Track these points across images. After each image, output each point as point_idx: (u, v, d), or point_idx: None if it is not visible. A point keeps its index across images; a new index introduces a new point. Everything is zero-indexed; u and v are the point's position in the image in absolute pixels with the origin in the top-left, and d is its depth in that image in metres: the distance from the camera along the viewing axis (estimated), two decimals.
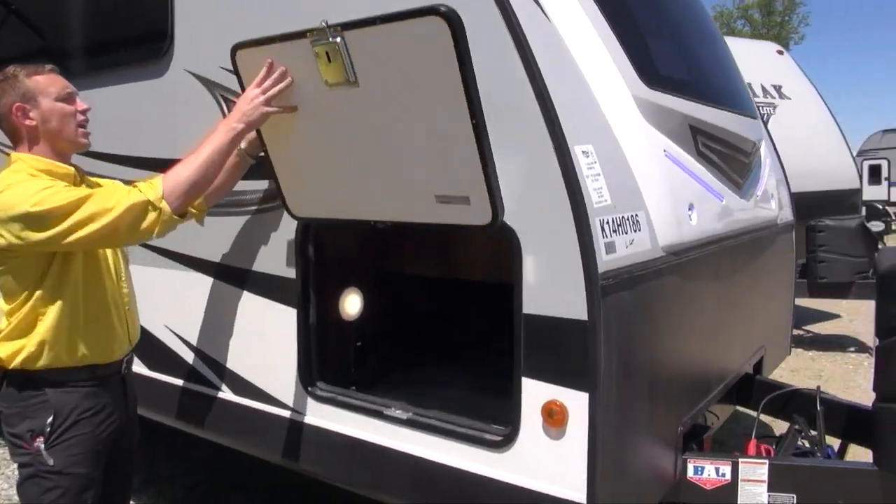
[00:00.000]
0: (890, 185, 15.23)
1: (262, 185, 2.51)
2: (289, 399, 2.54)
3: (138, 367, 2.65)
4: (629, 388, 2.01)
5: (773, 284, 3.58)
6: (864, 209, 6.59)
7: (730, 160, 2.78)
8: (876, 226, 6.20)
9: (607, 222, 1.92)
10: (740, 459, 2.45)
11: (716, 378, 2.79)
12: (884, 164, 14.62)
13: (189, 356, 2.85)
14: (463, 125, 1.76)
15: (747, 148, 2.95)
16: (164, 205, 1.96)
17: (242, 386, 2.68)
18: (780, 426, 3.50)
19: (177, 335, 2.87)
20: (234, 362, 2.70)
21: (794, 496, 2.41)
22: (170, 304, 2.91)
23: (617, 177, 2.05)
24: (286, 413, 2.55)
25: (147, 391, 2.86)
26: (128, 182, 2.11)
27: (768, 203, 3.38)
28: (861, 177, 7.78)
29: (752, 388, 3.38)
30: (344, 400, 2.39)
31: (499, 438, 2.02)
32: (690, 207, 2.40)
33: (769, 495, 2.43)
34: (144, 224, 1.94)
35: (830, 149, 7.30)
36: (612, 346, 1.88)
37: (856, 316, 8.12)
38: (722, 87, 3.00)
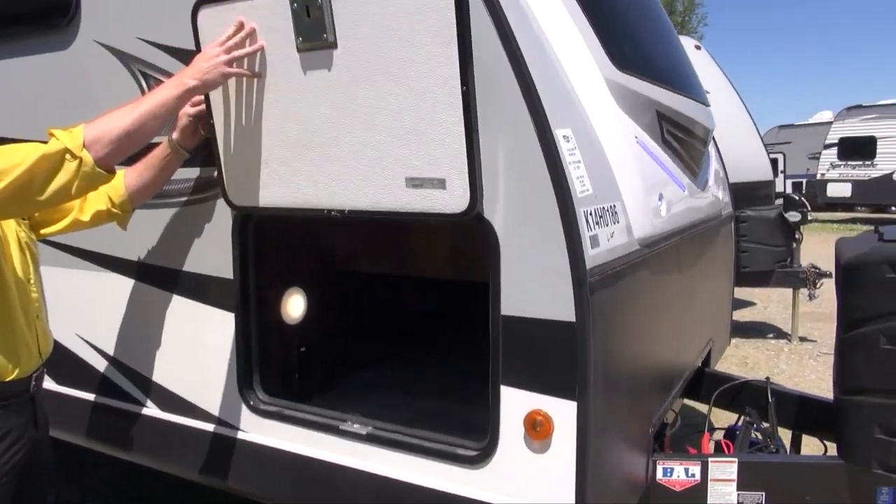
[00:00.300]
0: (786, 178, 16.15)
1: (194, 172, 2.21)
2: (226, 414, 2.26)
3: (45, 383, 2.30)
4: (612, 393, 1.86)
5: (718, 275, 3.56)
6: (781, 200, 6.83)
7: (689, 148, 2.69)
8: (793, 216, 6.39)
9: (590, 214, 1.76)
10: (710, 459, 2.37)
11: (677, 374, 2.71)
12: (780, 157, 15.47)
13: (106, 369, 2.51)
14: (451, 94, 1.57)
15: (704, 136, 2.88)
16: (86, 154, 1.65)
17: (171, 400, 2.38)
18: (717, 416, 3.49)
19: (91, 345, 2.52)
20: (161, 375, 2.39)
21: (764, 494, 2.36)
22: (83, 310, 2.56)
23: (595, 164, 1.89)
24: (223, 430, 2.27)
25: (55, 408, 2.51)
26: None
27: (717, 193, 3.35)
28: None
29: (702, 380, 3.36)
30: (291, 414, 2.14)
31: (474, 453, 1.83)
32: (660, 198, 2.29)
33: (738, 494, 2.36)
34: (62, 177, 1.63)
35: (747, 141, 7.51)
36: (599, 348, 1.72)
37: (769, 303, 8.45)
38: (680, 74, 2.92)
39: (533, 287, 1.71)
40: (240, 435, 2.23)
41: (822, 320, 7.47)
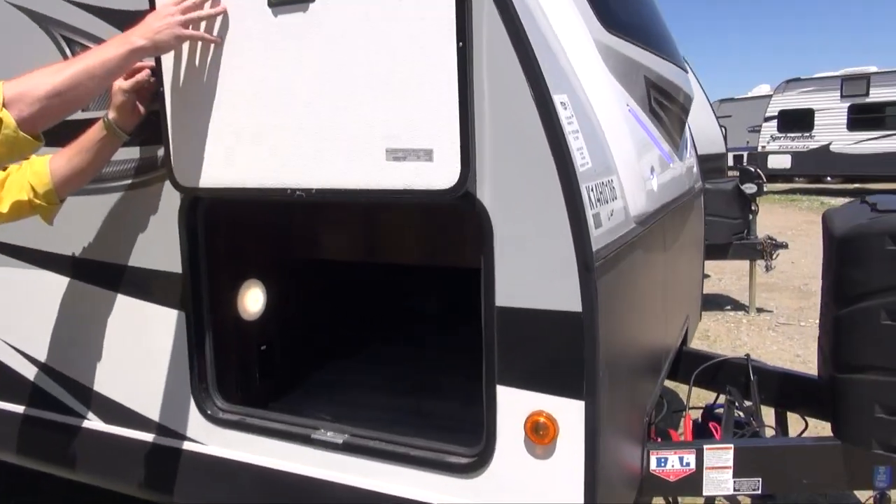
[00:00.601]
0: (727, 151, 16.46)
1: (133, 153, 1.92)
2: (180, 425, 2.01)
3: None
4: (616, 387, 1.69)
5: (693, 250, 3.45)
6: (737, 172, 6.83)
7: (673, 118, 2.54)
8: (749, 188, 6.38)
9: (592, 190, 1.57)
10: (705, 446, 2.25)
11: (664, 356, 2.58)
12: (721, 131, 15.70)
13: (39, 378, 2.22)
14: (445, 50, 1.35)
15: (686, 104, 2.73)
16: (6, 114, 1.43)
17: (115, 412, 2.11)
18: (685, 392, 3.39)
19: (21, 353, 2.22)
20: (104, 383, 2.11)
21: (760, 480, 2.26)
22: (11, 313, 2.25)
23: (591, 135, 1.70)
24: (177, 443, 2.02)
25: None
26: None
27: (692, 165, 3.22)
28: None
29: (680, 359, 3.25)
30: (255, 423, 1.90)
31: (467, 461, 1.63)
32: (652, 171, 2.12)
33: (735, 481, 2.25)
34: None
35: (701, 114, 7.48)
36: (605, 340, 1.54)
37: (722, 274, 8.52)
38: (663, 37, 2.74)
39: (532, 274, 1.51)
40: (197, 448, 1.99)
41: (775, 290, 7.56)
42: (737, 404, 2.95)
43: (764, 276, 7.03)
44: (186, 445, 2.01)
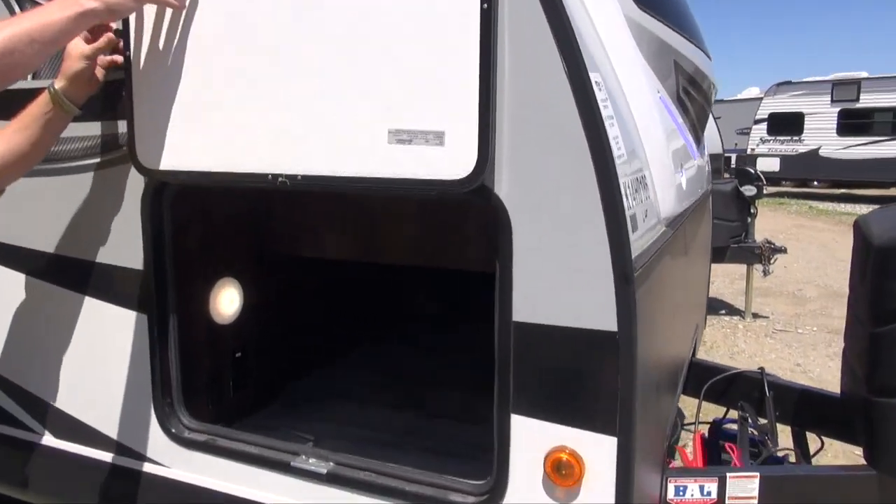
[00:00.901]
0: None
1: (91, 129, 1.66)
2: (140, 444, 1.76)
3: None
4: (646, 415, 1.46)
5: (703, 254, 3.24)
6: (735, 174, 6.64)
7: (699, 109, 2.31)
8: (749, 190, 6.20)
9: (629, 186, 1.34)
10: (728, 475, 2.03)
11: (681, 371, 2.36)
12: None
13: None
14: (465, 12, 1.11)
15: (710, 94, 2.50)
16: None
17: (68, 426, 1.85)
18: (685, 404, 3.18)
19: None
20: (55, 394, 1.85)
21: None
22: None
23: (624, 123, 1.47)
24: (136, 464, 1.77)
25: None
26: None
27: (708, 162, 3.00)
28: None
29: (689, 371, 3.04)
30: (225, 445, 1.65)
31: (474, 500, 1.40)
32: (680, 167, 1.89)
33: None
34: None
35: None
36: (641, 363, 1.31)
37: (714, 277, 8.35)
38: (690, 19, 2.51)
39: (557, 285, 1.28)
40: (159, 470, 1.73)
41: (769, 295, 7.41)
42: (750, 421, 2.76)
43: (758, 280, 6.87)
44: (147, 467, 1.75)
